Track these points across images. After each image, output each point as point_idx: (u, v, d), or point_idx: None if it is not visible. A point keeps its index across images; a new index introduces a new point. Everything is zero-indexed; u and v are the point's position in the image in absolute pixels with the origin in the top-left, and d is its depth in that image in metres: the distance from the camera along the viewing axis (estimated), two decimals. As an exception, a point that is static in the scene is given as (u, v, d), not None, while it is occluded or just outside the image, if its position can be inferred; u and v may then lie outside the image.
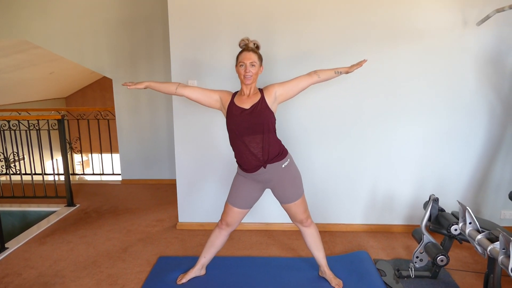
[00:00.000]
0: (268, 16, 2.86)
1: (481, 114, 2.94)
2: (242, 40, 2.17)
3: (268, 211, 3.20)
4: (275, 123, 2.15)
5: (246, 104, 2.11)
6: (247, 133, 2.08)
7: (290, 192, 2.20)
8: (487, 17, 2.62)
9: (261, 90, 2.16)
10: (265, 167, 2.11)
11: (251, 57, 2.09)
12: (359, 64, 2.23)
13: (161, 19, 4.30)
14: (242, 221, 3.17)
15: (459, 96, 2.92)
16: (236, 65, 2.13)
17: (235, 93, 2.21)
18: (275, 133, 2.18)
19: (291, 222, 3.16)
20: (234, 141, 2.14)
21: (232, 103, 2.15)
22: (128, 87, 2.16)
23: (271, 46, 2.89)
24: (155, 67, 4.45)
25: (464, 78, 2.89)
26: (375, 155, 3.05)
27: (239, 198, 2.25)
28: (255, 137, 2.08)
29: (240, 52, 2.13)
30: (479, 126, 2.96)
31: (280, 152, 2.15)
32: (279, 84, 2.17)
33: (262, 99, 2.11)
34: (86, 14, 4.34)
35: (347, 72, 2.24)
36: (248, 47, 2.13)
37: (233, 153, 2.22)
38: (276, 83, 2.19)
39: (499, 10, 2.50)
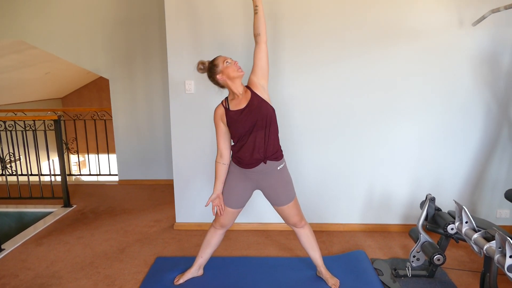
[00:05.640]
0: (265, 16, 2.85)
1: (477, 113, 2.96)
2: (200, 63, 2.13)
3: (265, 211, 3.20)
4: (274, 115, 2.11)
5: (242, 104, 2.08)
6: (251, 130, 2.06)
7: (283, 195, 2.20)
8: (483, 18, 2.63)
9: (247, 86, 2.14)
10: (265, 163, 2.11)
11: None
12: None
13: (157, 19, 4.30)
14: (239, 221, 3.19)
15: (455, 96, 2.93)
16: (217, 73, 2.06)
17: (224, 102, 2.16)
18: (277, 128, 2.14)
19: (288, 222, 3.16)
20: (241, 140, 2.11)
21: (228, 111, 2.11)
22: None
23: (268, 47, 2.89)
24: (151, 67, 4.45)
25: (460, 77, 2.90)
26: (371, 155, 3.06)
27: (231, 198, 2.24)
28: (258, 132, 2.06)
29: (213, 62, 2.09)
30: (475, 125, 2.98)
31: (277, 151, 2.15)
32: (251, 74, 2.13)
33: (254, 93, 2.08)
34: (82, 14, 4.33)
35: (255, 1, 2.09)
36: (210, 60, 2.13)
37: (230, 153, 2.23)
38: (250, 75, 2.14)
39: (494, 11, 2.52)
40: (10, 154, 4.24)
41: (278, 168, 2.16)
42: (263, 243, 2.99)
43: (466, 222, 2.02)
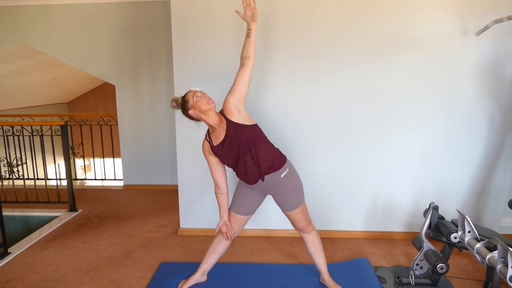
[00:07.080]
0: (269, 25, 2.90)
1: (481, 122, 2.97)
2: (173, 101, 2.14)
3: (269, 217, 3.22)
4: (256, 133, 2.09)
5: (221, 136, 2.09)
6: (238, 158, 2.09)
7: (290, 201, 2.22)
8: (486, 28, 2.65)
9: (221, 113, 2.10)
10: (263, 180, 2.13)
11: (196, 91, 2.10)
12: (247, 3, 2.05)
13: (163, 26, 4.35)
14: (243, 227, 3.20)
15: (458, 105, 2.95)
16: (189, 109, 2.07)
17: (207, 136, 2.17)
18: (265, 141, 2.14)
19: (292, 228, 3.18)
20: (234, 167, 2.16)
21: (212, 147, 2.14)
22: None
23: (272, 55, 2.93)
24: (157, 74, 4.49)
25: (464, 86, 2.92)
26: (375, 163, 3.08)
27: (242, 205, 2.28)
28: (245, 156, 2.07)
29: (184, 98, 2.10)
30: (478, 134, 2.99)
31: (274, 162, 2.12)
32: (229, 94, 2.06)
33: (228, 121, 2.06)
34: (89, 21, 4.39)
35: (249, 24, 2.06)
36: (182, 96, 2.14)
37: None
38: (227, 95, 2.07)
39: (497, 21, 2.54)
40: (17, 158, 4.29)
41: (282, 175, 2.16)
42: (267, 249, 3.00)
43: (469, 232, 2.03)
